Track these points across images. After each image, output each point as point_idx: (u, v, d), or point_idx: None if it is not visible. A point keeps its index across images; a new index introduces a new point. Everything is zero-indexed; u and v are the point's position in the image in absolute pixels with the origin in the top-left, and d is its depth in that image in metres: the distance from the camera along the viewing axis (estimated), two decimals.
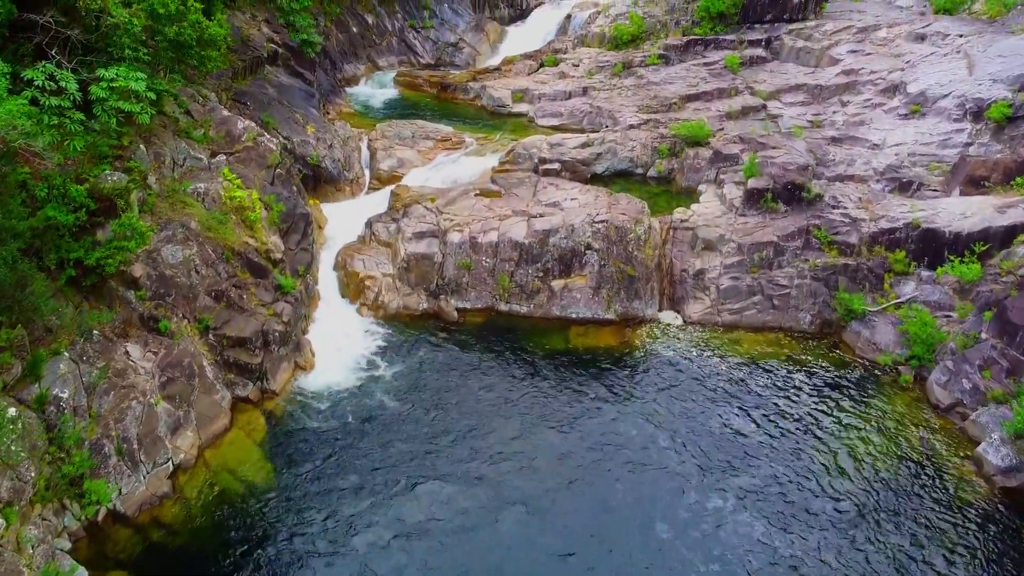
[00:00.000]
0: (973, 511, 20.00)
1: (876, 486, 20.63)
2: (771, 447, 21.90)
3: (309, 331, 25.94)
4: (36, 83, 18.77)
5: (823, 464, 21.30)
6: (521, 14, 53.76)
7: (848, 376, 25.24)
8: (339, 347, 25.55)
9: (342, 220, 30.82)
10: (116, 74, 19.51)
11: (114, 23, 20.46)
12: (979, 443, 21.56)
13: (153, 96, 20.52)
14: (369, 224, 29.84)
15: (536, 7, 53.47)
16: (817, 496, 20.21)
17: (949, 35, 37.40)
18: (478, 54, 49.09)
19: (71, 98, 19.21)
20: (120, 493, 18.52)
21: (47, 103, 18.81)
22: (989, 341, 23.08)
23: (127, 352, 20.85)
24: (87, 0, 20.18)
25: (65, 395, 18.58)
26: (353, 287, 28.01)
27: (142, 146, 23.40)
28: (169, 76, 23.67)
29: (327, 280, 28.47)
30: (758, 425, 22.76)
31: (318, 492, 19.69)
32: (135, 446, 19.17)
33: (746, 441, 22.11)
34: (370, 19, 47.57)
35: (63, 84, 19.09)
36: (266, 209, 25.77)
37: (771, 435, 22.36)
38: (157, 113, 23.64)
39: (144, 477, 19.16)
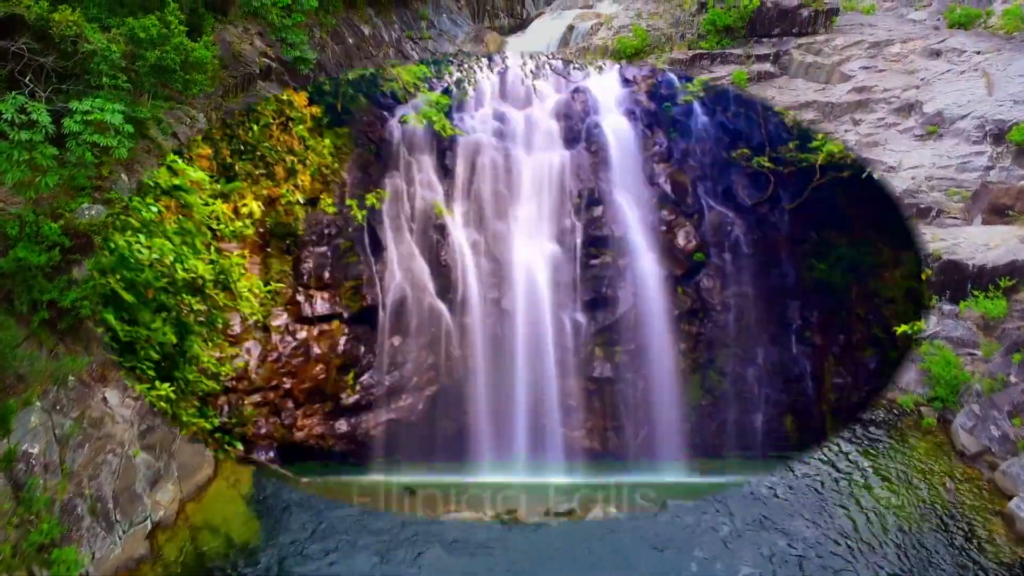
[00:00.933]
0: None
1: (901, 546, 19.28)
2: (793, 499, 20.62)
3: None
4: (5, 116, 17.45)
5: (846, 522, 19.98)
6: (521, 24, 52.48)
7: (866, 417, 23.96)
8: None
9: None
10: (91, 106, 18.18)
11: (91, 49, 19.16)
12: (1011, 497, 20.24)
13: (131, 129, 19.20)
14: None
15: (536, 17, 52.24)
16: (845, 560, 18.91)
17: (966, 51, 36.10)
18: None
19: (43, 131, 17.89)
20: (93, 558, 17.17)
21: (16, 137, 17.49)
22: (1020, 385, 21.79)
23: (105, 399, 19.54)
24: (62, 25, 18.91)
25: (35, 451, 17.22)
26: None
27: (123, 175, 22.07)
28: (152, 102, 22.35)
29: None
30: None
31: (309, 555, 18.38)
32: (110, 505, 17.88)
33: None
34: (366, 30, 46.16)
35: (35, 117, 17.76)
36: None
37: (791, 485, 21.09)
38: (141, 138, 22.35)
39: (120, 538, 17.84)
